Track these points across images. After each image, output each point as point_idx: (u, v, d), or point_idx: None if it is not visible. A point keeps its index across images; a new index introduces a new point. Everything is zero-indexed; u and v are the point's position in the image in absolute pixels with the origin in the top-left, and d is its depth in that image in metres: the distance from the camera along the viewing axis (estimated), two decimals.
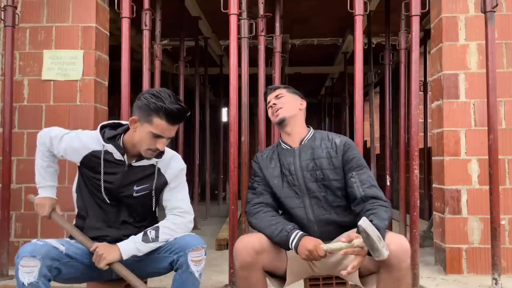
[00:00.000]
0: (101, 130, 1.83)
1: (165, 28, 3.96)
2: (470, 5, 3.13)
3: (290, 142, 2.02)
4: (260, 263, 1.75)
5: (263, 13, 3.13)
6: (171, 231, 1.81)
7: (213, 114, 7.84)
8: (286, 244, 1.77)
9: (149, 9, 3.08)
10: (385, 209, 1.78)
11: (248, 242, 1.76)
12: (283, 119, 2.00)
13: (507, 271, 3.00)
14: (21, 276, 1.52)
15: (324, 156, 1.93)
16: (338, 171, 1.91)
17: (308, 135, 2.03)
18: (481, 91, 2.98)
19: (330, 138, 1.99)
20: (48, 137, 1.89)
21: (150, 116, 1.68)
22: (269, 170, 1.99)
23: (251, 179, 2.06)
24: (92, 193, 1.84)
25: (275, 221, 1.83)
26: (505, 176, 3.06)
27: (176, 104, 1.68)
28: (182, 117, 1.72)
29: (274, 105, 2.04)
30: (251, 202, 1.97)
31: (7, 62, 2.98)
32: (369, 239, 1.54)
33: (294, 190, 1.92)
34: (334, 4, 4.73)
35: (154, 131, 1.69)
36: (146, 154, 1.76)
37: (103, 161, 1.79)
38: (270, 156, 2.04)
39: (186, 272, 1.70)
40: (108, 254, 1.69)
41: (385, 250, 1.55)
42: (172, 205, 1.90)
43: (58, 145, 1.87)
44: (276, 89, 2.09)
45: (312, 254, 1.68)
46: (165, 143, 1.74)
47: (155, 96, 1.69)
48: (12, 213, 3.07)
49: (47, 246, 1.61)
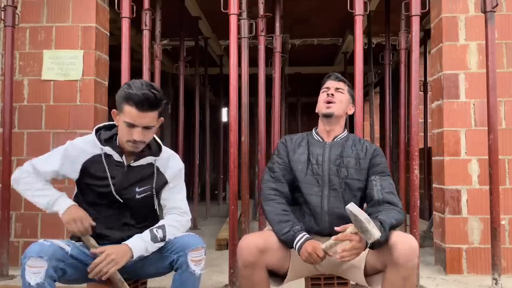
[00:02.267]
0: (96, 133, 1.82)
1: (165, 28, 3.96)
2: (470, 5, 3.13)
3: (324, 136, 2.05)
4: (263, 262, 1.76)
5: (263, 13, 3.13)
6: (176, 230, 1.82)
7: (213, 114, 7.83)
8: (290, 244, 1.79)
9: (149, 9, 3.08)
10: (397, 212, 1.81)
11: (252, 241, 1.76)
12: (331, 114, 2.01)
13: (507, 271, 3.00)
14: (28, 277, 1.51)
15: (353, 156, 1.97)
16: (363, 172, 1.94)
17: (342, 134, 2.06)
18: (481, 91, 2.98)
19: (361, 142, 2.05)
20: (30, 165, 1.80)
21: (122, 105, 1.70)
22: (296, 155, 2.00)
23: (272, 158, 2.06)
24: (94, 201, 1.81)
25: (286, 218, 1.84)
26: (505, 176, 3.06)
27: (145, 90, 1.67)
28: (151, 103, 1.67)
29: (332, 95, 2.03)
30: (267, 185, 1.97)
31: (7, 62, 2.98)
32: (357, 220, 1.58)
33: (316, 178, 1.94)
34: (334, 4, 4.72)
35: (125, 120, 1.69)
36: (127, 147, 1.75)
37: (106, 164, 1.78)
38: (299, 142, 2.05)
39: (186, 272, 1.70)
40: (121, 258, 1.66)
41: (375, 231, 1.57)
42: (171, 205, 1.90)
43: (48, 164, 1.78)
44: (341, 81, 2.08)
45: (312, 257, 1.70)
46: (141, 133, 1.70)
47: (127, 85, 1.71)
48: (12, 213, 3.07)
49: (54, 246, 1.60)
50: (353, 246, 1.63)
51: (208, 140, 6.40)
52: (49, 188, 1.80)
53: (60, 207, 1.74)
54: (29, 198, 1.79)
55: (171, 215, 1.88)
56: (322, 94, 2.07)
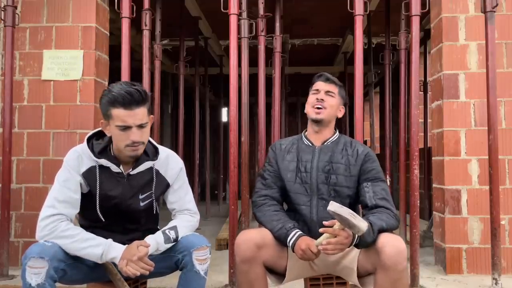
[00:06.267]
0: (88, 143, 1.75)
1: (165, 28, 3.96)
2: (470, 5, 3.13)
3: (313, 140, 2.02)
4: (260, 258, 1.76)
5: (263, 13, 3.13)
6: (188, 230, 1.83)
7: (213, 114, 7.83)
8: (284, 242, 1.79)
9: (149, 9, 3.08)
10: (388, 215, 1.79)
11: (250, 236, 1.76)
12: (321, 120, 1.97)
13: (507, 271, 3.00)
14: (28, 277, 1.51)
15: (343, 162, 1.92)
16: (353, 179, 1.91)
17: (332, 137, 2.01)
18: (481, 91, 2.98)
19: (353, 145, 1.98)
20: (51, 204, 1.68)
21: (109, 111, 1.64)
22: (285, 163, 1.98)
23: (264, 166, 2.06)
24: (96, 217, 1.78)
25: (277, 217, 1.85)
26: (505, 176, 3.06)
27: (127, 87, 1.63)
28: (135, 98, 1.62)
29: (321, 100, 1.96)
30: (259, 192, 1.98)
31: (7, 62, 2.98)
32: (342, 218, 1.58)
33: (304, 187, 1.92)
34: (334, 4, 4.72)
35: (117, 124, 1.63)
36: (128, 152, 1.69)
37: (99, 176, 1.72)
38: (289, 149, 2.02)
39: (191, 272, 1.70)
40: (138, 251, 1.64)
41: (362, 223, 1.58)
42: (181, 206, 1.90)
43: (66, 187, 1.69)
44: (331, 84, 2.00)
45: (306, 253, 1.70)
46: (137, 133, 1.65)
47: (107, 90, 1.67)
48: (12, 213, 3.06)
49: (55, 247, 1.60)
50: (338, 241, 1.63)
51: (208, 140, 6.41)
52: (89, 234, 1.67)
53: (110, 252, 1.64)
54: (76, 253, 1.63)
55: (183, 215, 1.88)
56: (311, 96, 2.00)
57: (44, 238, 1.63)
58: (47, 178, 3.13)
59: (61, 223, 1.64)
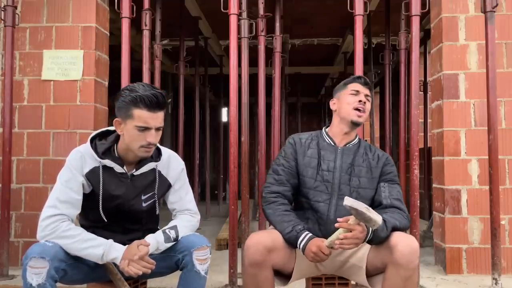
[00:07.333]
0: (91, 143, 1.75)
1: (165, 28, 3.96)
2: (470, 5, 3.13)
3: (337, 140, 1.99)
4: (270, 262, 1.74)
5: (263, 13, 3.13)
6: (189, 230, 1.83)
7: (213, 114, 7.83)
8: (294, 244, 1.78)
9: (149, 9, 3.08)
10: (402, 216, 1.83)
11: (260, 240, 1.74)
12: (360, 123, 1.97)
13: (507, 271, 3.00)
14: (29, 277, 1.51)
15: (364, 165, 1.94)
16: (375, 180, 1.94)
17: (355, 140, 2.01)
18: (481, 91, 2.98)
19: (372, 150, 2.01)
20: (53, 204, 1.67)
21: (130, 111, 1.65)
22: (306, 159, 1.95)
23: (277, 159, 2.00)
24: (98, 217, 1.77)
25: (288, 218, 1.83)
26: (505, 176, 3.06)
27: (151, 90, 1.65)
28: (160, 102, 1.66)
29: (364, 103, 1.94)
30: (270, 188, 1.93)
31: (7, 62, 2.98)
32: (358, 212, 1.60)
33: (325, 185, 1.91)
34: (334, 4, 4.73)
35: (138, 124, 1.65)
36: (141, 153, 1.70)
37: (102, 176, 1.73)
38: (309, 144, 1.99)
39: (192, 271, 1.70)
40: (138, 250, 1.64)
41: (377, 216, 1.60)
42: (182, 207, 1.90)
43: (68, 187, 1.68)
44: (368, 88, 1.98)
45: (318, 255, 1.70)
46: (154, 135, 1.67)
47: (129, 90, 1.67)
48: (12, 213, 3.07)
49: (56, 247, 1.59)
50: (354, 235, 1.64)
51: (208, 140, 6.41)
52: (89, 234, 1.67)
53: (111, 253, 1.64)
54: (77, 253, 1.63)
55: (184, 215, 1.88)
56: (350, 97, 1.95)
57: (45, 238, 1.63)
58: (47, 178, 3.13)
59: (62, 223, 1.64)
